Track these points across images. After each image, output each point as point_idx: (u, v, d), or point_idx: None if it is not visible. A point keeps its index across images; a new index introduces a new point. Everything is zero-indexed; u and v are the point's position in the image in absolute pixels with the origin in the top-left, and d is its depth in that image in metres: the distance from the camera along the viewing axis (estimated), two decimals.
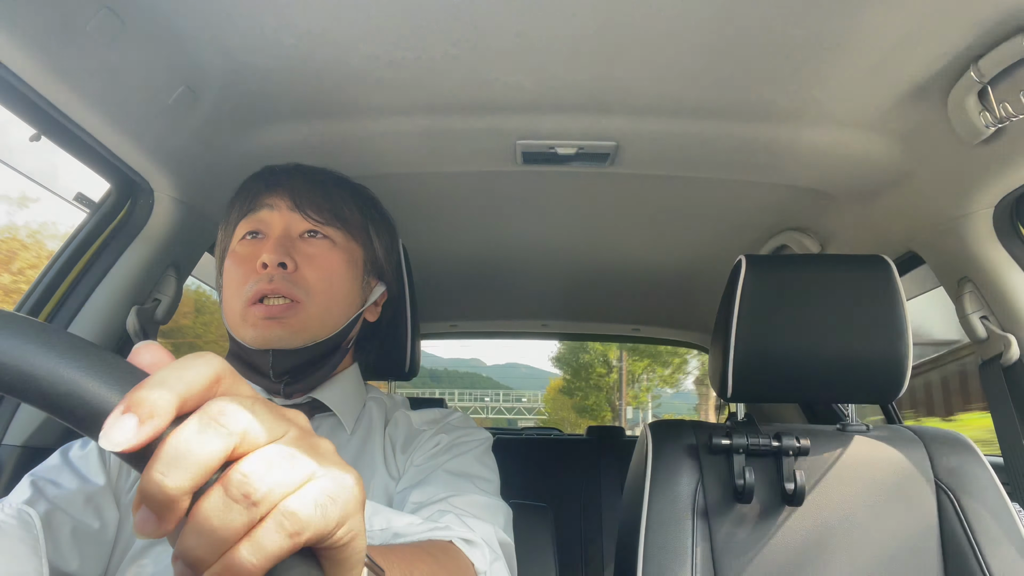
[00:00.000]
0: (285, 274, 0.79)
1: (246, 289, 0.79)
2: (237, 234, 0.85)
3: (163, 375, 0.28)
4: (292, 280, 0.79)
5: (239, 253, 0.83)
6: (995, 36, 0.82)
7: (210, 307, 10.53)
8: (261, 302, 0.78)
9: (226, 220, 0.89)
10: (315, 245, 0.84)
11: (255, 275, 0.79)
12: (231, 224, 0.87)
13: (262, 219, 0.84)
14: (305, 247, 0.83)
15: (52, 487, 0.69)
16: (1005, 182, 1.03)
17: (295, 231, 0.84)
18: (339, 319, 0.84)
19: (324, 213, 0.85)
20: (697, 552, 0.97)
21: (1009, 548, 0.94)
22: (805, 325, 0.99)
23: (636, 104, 1.05)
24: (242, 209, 0.86)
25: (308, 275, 0.81)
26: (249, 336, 0.78)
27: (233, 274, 0.82)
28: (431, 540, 0.62)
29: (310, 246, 0.83)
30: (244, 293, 0.79)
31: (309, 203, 0.84)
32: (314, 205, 0.84)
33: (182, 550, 0.27)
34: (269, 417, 0.30)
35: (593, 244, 1.75)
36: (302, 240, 0.83)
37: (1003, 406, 1.13)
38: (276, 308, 0.78)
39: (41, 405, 0.29)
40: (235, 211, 0.87)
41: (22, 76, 0.79)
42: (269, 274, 0.78)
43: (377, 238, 0.92)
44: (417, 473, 0.79)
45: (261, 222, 0.84)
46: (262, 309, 0.78)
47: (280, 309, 0.78)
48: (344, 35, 0.88)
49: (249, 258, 0.81)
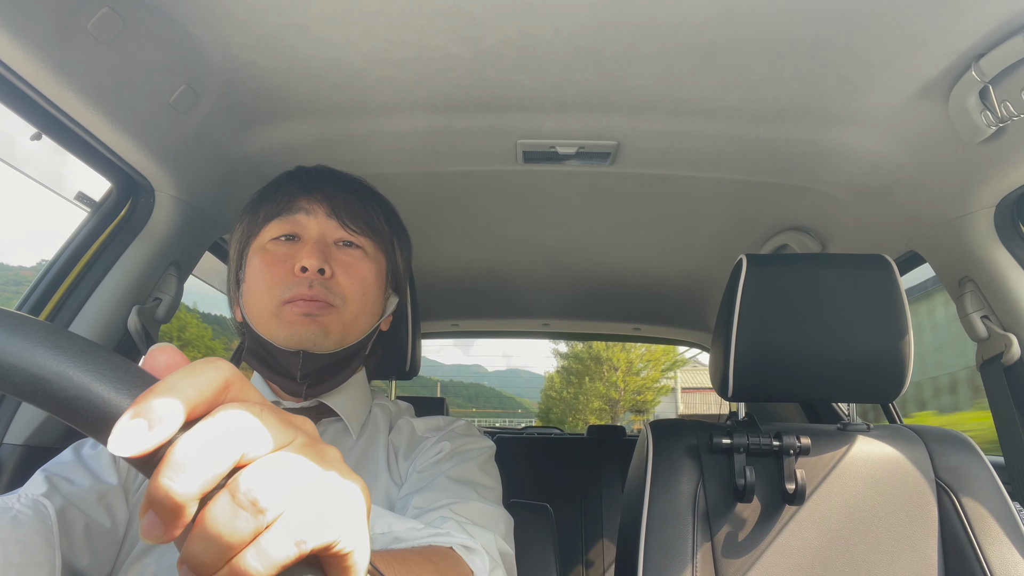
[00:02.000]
0: (323, 280, 0.80)
1: (282, 291, 0.80)
2: (268, 232, 0.85)
3: (173, 380, 0.29)
4: (329, 287, 0.80)
5: (273, 252, 0.83)
6: (996, 36, 0.82)
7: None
8: (298, 301, 0.79)
9: (252, 215, 0.88)
10: (349, 254, 0.85)
11: (292, 278, 0.80)
12: (259, 220, 0.86)
13: (299, 222, 0.84)
14: (340, 255, 0.84)
15: (66, 483, 0.70)
16: (1006, 181, 1.03)
17: (331, 238, 0.85)
18: (364, 328, 0.85)
19: (359, 223, 0.86)
20: (698, 552, 0.97)
21: (1009, 547, 0.94)
22: (806, 324, 0.99)
23: (637, 103, 1.05)
24: (274, 208, 0.86)
25: (343, 282, 0.82)
26: (283, 335, 0.79)
27: (265, 273, 0.82)
28: (431, 546, 0.62)
29: (345, 254, 0.84)
30: (279, 294, 0.80)
31: (346, 212, 0.85)
32: (351, 214, 0.85)
33: (188, 555, 0.27)
34: (277, 424, 0.30)
35: (594, 243, 1.75)
36: (337, 248, 0.85)
37: (1004, 405, 1.13)
38: (315, 306, 0.79)
39: (51, 408, 0.29)
40: (264, 208, 0.86)
41: (23, 75, 0.79)
42: (308, 279, 0.79)
43: (399, 251, 0.93)
44: (419, 479, 0.79)
45: (298, 224, 0.84)
46: (300, 306, 0.79)
47: (318, 307, 0.79)
48: (344, 34, 0.88)
49: (284, 259, 0.82)
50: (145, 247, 1.15)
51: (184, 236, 1.21)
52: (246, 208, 0.90)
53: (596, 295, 2.23)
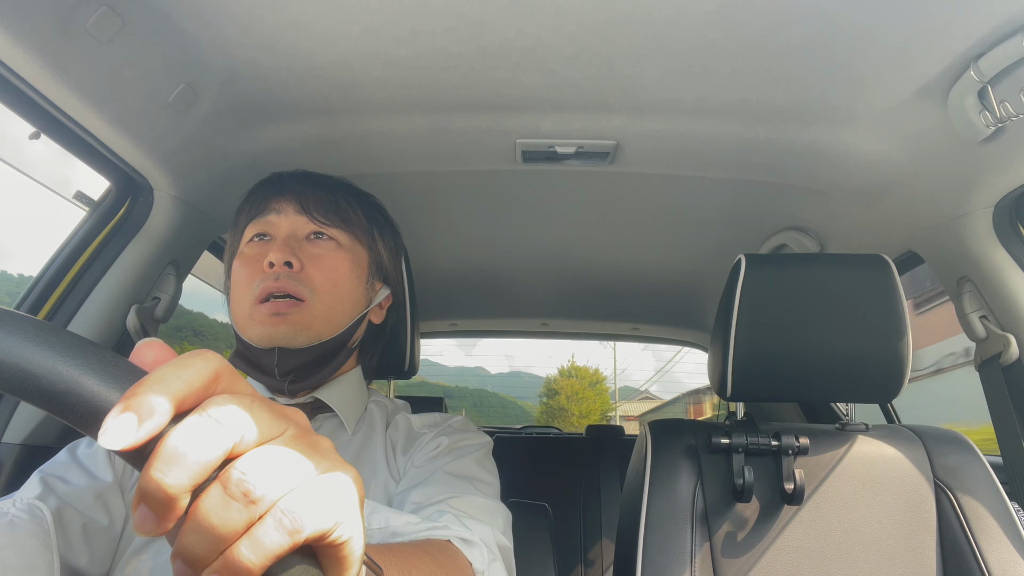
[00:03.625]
0: (291, 273, 0.81)
1: (253, 288, 0.81)
2: (245, 237, 0.88)
3: (162, 373, 0.28)
4: (297, 279, 0.81)
5: (247, 254, 0.86)
6: (995, 36, 0.82)
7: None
8: (267, 301, 0.80)
9: (235, 225, 0.92)
10: (320, 246, 0.86)
11: (261, 274, 0.81)
12: (239, 228, 0.90)
13: (269, 222, 0.86)
14: (311, 248, 0.85)
15: (62, 484, 0.70)
16: (1005, 181, 1.03)
17: (301, 233, 0.86)
18: (343, 319, 0.85)
19: (329, 215, 0.87)
20: (696, 552, 0.97)
21: (1007, 547, 0.94)
22: (805, 324, 0.99)
23: (636, 103, 1.05)
24: (250, 213, 0.88)
25: (313, 274, 0.82)
26: (256, 334, 0.80)
27: (240, 274, 0.84)
28: (429, 539, 0.62)
29: (316, 247, 0.85)
30: (251, 292, 0.81)
31: (315, 206, 0.87)
32: (320, 208, 0.87)
33: (181, 548, 0.27)
34: (267, 415, 0.30)
35: (593, 243, 1.75)
36: (308, 241, 0.86)
37: (1002, 405, 1.13)
38: (282, 304, 0.80)
39: (40, 403, 0.29)
40: (243, 215, 0.90)
41: (21, 74, 0.79)
42: (275, 273, 0.80)
43: (381, 240, 0.94)
44: (417, 474, 0.79)
45: (269, 224, 0.86)
46: (268, 307, 0.79)
47: (285, 306, 0.80)
48: (344, 33, 0.88)
49: (256, 258, 0.83)
50: (144, 246, 1.15)
51: (183, 235, 1.21)
52: (232, 219, 0.93)
53: (595, 295, 2.23)
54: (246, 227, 0.88)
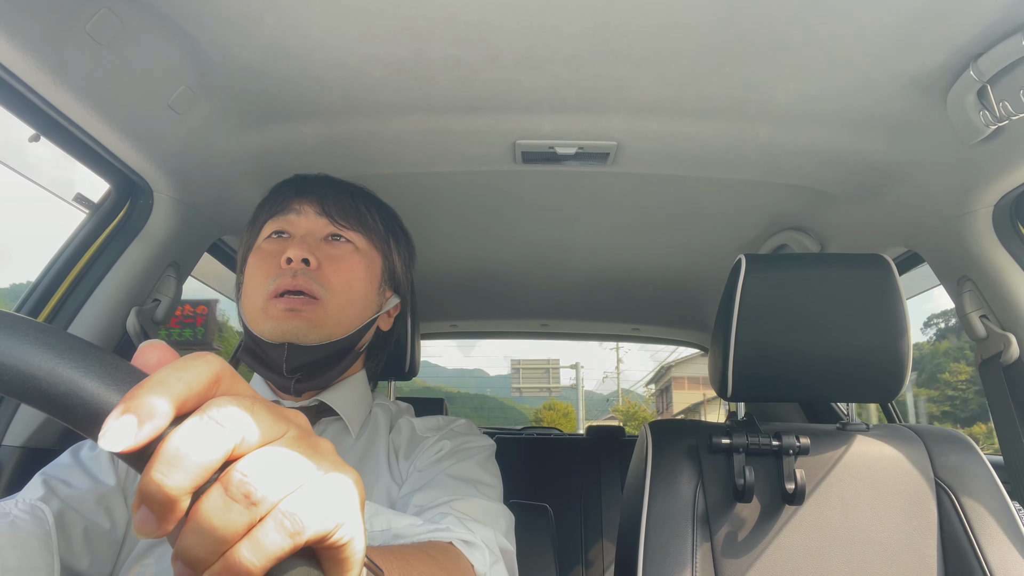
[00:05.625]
0: (307, 271, 0.82)
1: (268, 283, 0.81)
2: (263, 233, 0.89)
3: (162, 375, 0.28)
4: (313, 277, 0.82)
5: (264, 249, 0.86)
6: (994, 35, 0.82)
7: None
8: (282, 296, 0.80)
9: (253, 221, 0.92)
10: (338, 247, 0.87)
11: (278, 270, 0.82)
12: (258, 224, 0.90)
13: (289, 220, 0.87)
14: (328, 248, 0.86)
15: (64, 486, 0.70)
16: (1005, 181, 1.03)
17: (320, 233, 0.87)
18: (354, 321, 0.86)
19: (349, 218, 0.88)
20: (697, 552, 0.97)
21: (1009, 546, 0.94)
22: (805, 324, 0.99)
23: (636, 104, 1.05)
24: (270, 211, 0.89)
25: (329, 274, 0.83)
26: (268, 328, 0.80)
27: (256, 269, 0.85)
28: (431, 541, 0.62)
29: (333, 248, 0.86)
30: (267, 287, 0.81)
31: (336, 208, 0.88)
32: (340, 211, 0.88)
33: (182, 550, 0.27)
34: (268, 417, 0.30)
35: (593, 244, 1.75)
36: (326, 242, 0.87)
37: (1003, 405, 1.13)
38: (297, 301, 0.80)
39: (41, 405, 0.28)
40: (263, 212, 0.90)
41: (21, 76, 0.79)
42: (292, 269, 0.81)
43: (396, 250, 0.95)
44: (420, 478, 0.79)
45: (288, 223, 0.87)
46: (283, 302, 0.80)
47: (300, 302, 0.80)
48: (343, 35, 0.88)
49: (274, 254, 0.84)
50: (144, 248, 1.15)
51: (183, 237, 1.21)
52: (250, 218, 0.94)
53: (595, 295, 2.23)
54: (265, 224, 0.89)
